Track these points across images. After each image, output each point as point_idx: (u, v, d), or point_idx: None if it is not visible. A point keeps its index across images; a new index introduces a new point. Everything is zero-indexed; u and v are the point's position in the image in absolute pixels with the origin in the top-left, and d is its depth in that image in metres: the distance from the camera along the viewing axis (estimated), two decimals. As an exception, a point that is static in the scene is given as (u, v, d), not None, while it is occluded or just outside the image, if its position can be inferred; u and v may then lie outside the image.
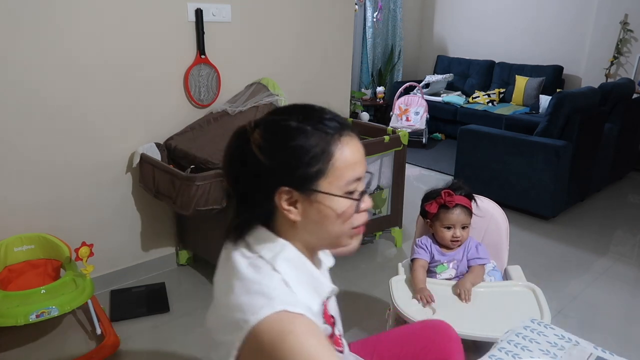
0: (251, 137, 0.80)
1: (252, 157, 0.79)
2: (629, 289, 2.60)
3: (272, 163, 0.78)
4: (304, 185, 0.79)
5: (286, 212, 0.80)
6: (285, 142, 0.79)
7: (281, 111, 0.85)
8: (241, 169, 0.82)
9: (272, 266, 0.80)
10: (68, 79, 2.09)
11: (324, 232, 0.83)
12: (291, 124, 0.80)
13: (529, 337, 1.13)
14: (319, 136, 0.79)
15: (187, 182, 1.94)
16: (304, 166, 0.78)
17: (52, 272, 2.09)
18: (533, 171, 3.31)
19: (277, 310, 0.72)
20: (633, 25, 4.80)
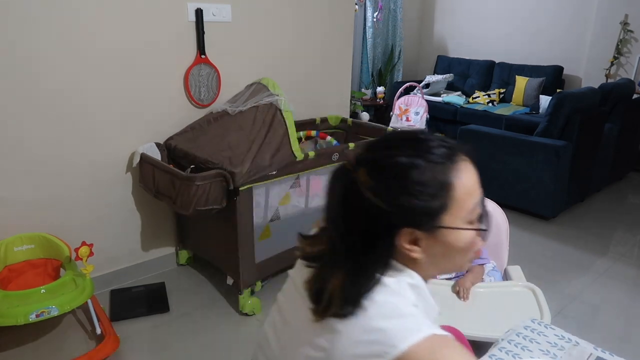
0: (357, 178, 0.73)
1: (364, 201, 0.72)
2: (629, 289, 2.60)
3: (390, 205, 0.72)
4: (427, 223, 0.74)
5: (408, 251, 0.75)
6: (400, 181, 0.72)
7: (384, 146, 0.77)
8: (353, 215, 0.74)
9: (401, 291, 0.76)
10: (68, 78, 2.09)
11: (447, 264, 0.80)
12: (402, 160, 0.73)
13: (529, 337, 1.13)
14: (433, 168, 0.73)
15: (187, 182, 1.94)
16: (425, 204, 0.72)
17: (52, 272, 2.09)
18: (533, 171, 3.31)
19: (428, 334, 0.69)
20: (633, 26, 4.80)
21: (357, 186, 0.73)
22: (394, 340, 0.68)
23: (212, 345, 2.06)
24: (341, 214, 0.76)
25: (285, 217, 2.32)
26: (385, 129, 2.85)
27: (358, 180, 0.73)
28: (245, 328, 2.18)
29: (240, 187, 2.02)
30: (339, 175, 0.77)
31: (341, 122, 3.05)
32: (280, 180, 2.20)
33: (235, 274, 2.22)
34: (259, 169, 2.06)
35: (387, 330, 0.70)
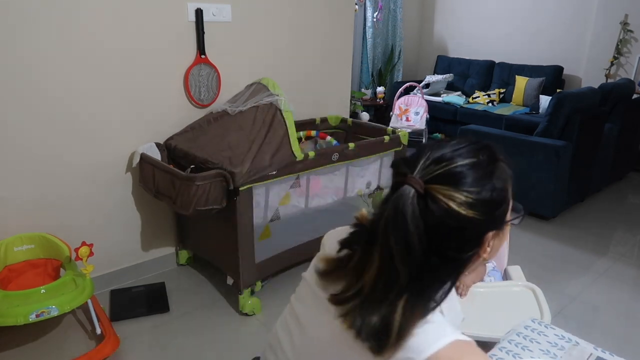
0: (436, 194, 0.70)
1: (454, 218, 0.70)
2: (629, 289, 2.60)
3: (479, 214, 0.71)
4: (502, 222, 0.78)
5: (485, 254, 0.78)
6: (482, 187, 0.72)
7: (445, 159, 0.74)
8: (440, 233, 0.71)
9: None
10: (68, 78, 2.09)
11: (491, 257, 0.82)
12: (472, 169, 0.73)
13: (530, 337, 1.13)
14: (498, 171, 0.76)
15: (187, 182, 1.94)
16: (501, 204, 0.76)
17: (52, 272, 2.09)
18: (533, 171, 3.31)
19: (452, 340, 0.71)
20: (633, 26, 4.80)
21: (439, 204, 0.70)
22: (421, 347, 0.70)
23: (212, 345, 2.06)
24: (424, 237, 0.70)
25: (285, 217, 2.32)
26: (385, 129, 2.85)
27: (439, 196, 0.70)
28: (245, 328, 2.18)
29: (240, 187, 2.02)
30: (408, 199, 0.71)
31: (341, 122, 3.05)
32: (280, 180, 2.20)
33: (235, 274, 2.22)
34: (259, 169, 2.06)
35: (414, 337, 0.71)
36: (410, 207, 0.70)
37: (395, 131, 2.78)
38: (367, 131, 2.92)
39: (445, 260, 0.73)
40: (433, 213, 0.70)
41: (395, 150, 2.70)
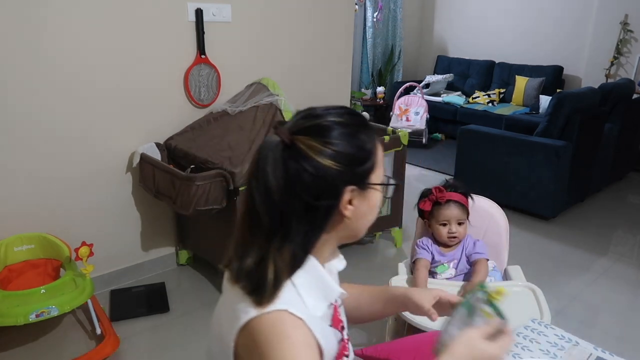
0: (299, 145, 0.75)
1: (311, 166, 0.75)
2: (629, 289, 2.60)
3: (338, 165, 0.76)
4: (363, 181, 0.80)
5: (345, 211, 0.80)
6: (346, 141, 0.78)
7: (313, 115, 0.81)
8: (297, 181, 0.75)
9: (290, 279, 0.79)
10: (67, 79, 2.09)
11: (362, 224, 0.85)
12: (340, 125, 0.79)
13: (530, 337, 1.13)
14: (364, 131, 0.81)
15: (187, 182, 1.94)
16: (363, 162, 0.80)
17: (52, 272, 2.09)
18: (533, 171, 3.31)
19: (280, 308, 0.73)
20: (633, 26, 4.80)
21: (301, 152, 0.75)
22: (248, 307, 0.73)
23: (212, 345, 2.06)
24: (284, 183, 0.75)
25: (285, 217, 2.31)
26: (385, 129, 2.85)
27: (301, 146, 0.75)
28: (245, 328, 2.18)
29: (240, 187, 2.02)
30: (271, 147, 0.76)
31: (341, 122, 3.05)
32: (280, 180, 2.19)
33: (235, 274, 2.22)
34: (259, 169, 2.06)
35: (249, 299, 0.75)
36: (272, 153, 0.76)
37: (395, 131, 2.78)
38: (367, 131, 2.92)
39: (305, 208, 0.76)
40: (293, 160, 0.75)
41: (396, 150, 2.70)
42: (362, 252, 2.87)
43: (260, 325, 0.72)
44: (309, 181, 0.75)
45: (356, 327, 2.17)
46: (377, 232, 2.91)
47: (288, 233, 0.76)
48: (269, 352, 0.70)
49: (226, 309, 0.81)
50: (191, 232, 2.54)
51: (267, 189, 0.76)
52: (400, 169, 2.79)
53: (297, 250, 0.77)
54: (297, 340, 0.72)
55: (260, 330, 0.72)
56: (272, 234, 0.77)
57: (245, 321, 0.73)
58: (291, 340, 0.71)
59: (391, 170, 2.74)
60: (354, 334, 2.11)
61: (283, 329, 0.72)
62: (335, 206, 0.78)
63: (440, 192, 1.69)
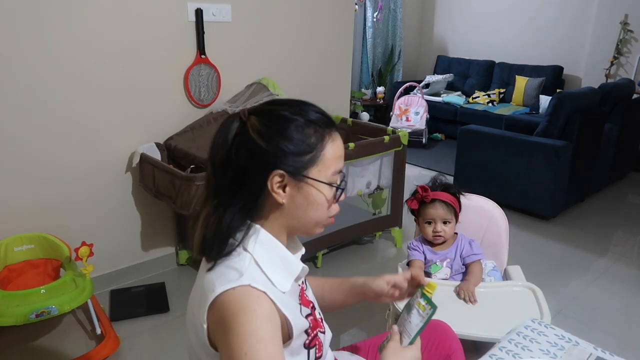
0: (248, 122, 0.85)
1: (249, 142, 0.83)
2: (629, 289, 2.60)
3: (270, 147, 0.83)
4: (297, 170, 0.84)
5: (275, 194, 0.85)
6: (284, 129, 0.84)
7: (275, 102, 0.90)
8: (236, 153, 0.84)
9: (244, 247, 0.85)
10: (68, 78, 2.09)
11: (305, 217, 0.89)
12: (287, 114, 0.85)
13: (530, 337, 1.13)
14: (313, 127, 0.86)
15: (187, 181, 1.94)
16: (300, 153, 0.84)
17: (52, 272, 2.09)
18: (533, 171, 3.31)
19: (243, 283, 0.78)
20: (633, 26, 4.80)
21: (246, 129, 0.84)
22: (214, 286, 0.79)
23: (212, 345, 2.06)
24: (225, 152, 0.85)
25: (285, 217, 2.31)
26: (385, 129, 2.85)
27: (248, 124, 0.84)
28: (245, 328, 2.18)
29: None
30: (232, 120, 0.87)
31: (341, 122, 3.05)
32: (280, 180, 2.19)
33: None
34: (259, 169, 2.06)
35: (213, 277, 0.81)
36: (228, 125, 0.86)
37: (395, 131, 2.78)
38: (367, 131, 2.92)
39: (237, 179, 0.84)
40: (239, 135, 0.84)
41: (396, 150, 2.70)
42: (362, 252, 2.87)
43: (226, 299, 0.77)
44: (242, 154, 0.84)
45: (354, 326, 2.17)
46: (377, 232, 2.91)
47: (227, 201, 0.85)
48: (233, 324, 0.75)
49: (197, 294, 0.86)
50: (191, 232, 2.54)
51: (213, 154, 0.87)
52: (400, 169, 2.79)
53: (236, 216, 0.84)
54: (260, 312, 0.77)
55: (226, 305, 0.77)
56: (214, 198, 0.87)
57: (213, 298, 0.78)
58: (255, 313, 0.76)
59: (391, 172, 2.74)
60: (352, 333, 2.11)
61: (246, 302, 0.77)
62: (262, 184, 0.83)
63: (425, 192, 1.69)
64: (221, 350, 0.77)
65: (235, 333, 0.74)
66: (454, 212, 1.71)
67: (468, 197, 1.81)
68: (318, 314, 1.00)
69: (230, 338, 0.74)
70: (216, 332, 0.78)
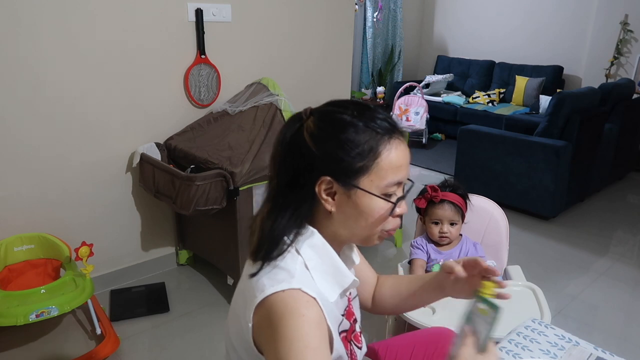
0: (305, 123, 0.82)
1: (303, 144, 0.81)
2: (629, 289, 2.60)
3: (320, 152, 0.79)
4: (346, 178, 0.80)
5: (323, 201, 0.81)
6: (335, 133, 0.80)
7: (336, 104, 0.86)
8: (290, 154, 0.82)
9: (297, 250, 0.82)
10: (68, 78, 2.09)
11: (356, 228, 0.84)
12: (344, 117, 0.81)
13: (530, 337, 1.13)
14: (369, 134, 0.80)
15: (187, 181, 1.94)
16: (350, 160, 0.79)
17: (52, 272, 2.09)
18: (533, 171, 3.31)
19: (294, 287, 0.75)
20: (633, 26, 4.80)
21: (301, 129, 0.82)
22: (264, 287, 0.76)
23: (212, 345, 2.06)
24: (283, 152, 0.83)
25: (285, 217, 2.31)
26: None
27: (305, 124, 0.82)
28: (245, 328, 2.18)
29: (240, 187, 2.02)
30: (296, 119, 0.85)
31: (341, 122, 3.05)
32: (280, 180, 2.19)
33: (235, 273, 2.22)
34: (259, 169, 2.06)
35: (263, 278, 0.78)
36: (289, 124, 0.84)
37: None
38: (367, 131, 2.92)
39: (290, 182, 0.82)
40: (297, 133, 0.82)
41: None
42: (362, 252, 2.86)
43: (275, 301, 0.74)
44: (295, 156, 0.81)
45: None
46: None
47: (281, 204, 0.83)
48: (281, 328, 0.72)
49: (243, 293, 0.83)
50: (191, 232, 2.54)
51: (275, 153, 0.85)
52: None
53: (289, 219, 0.82)
54: (310, 317, 0.73)
55: (275, 307, 0.74)
56: (273, 203, 0.84)
57: (261, 299, 0.75)
58: (304, 318, 0.73)
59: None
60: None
61: (296, 305, 0.74)
62: (310, 190, 0.80)
63: (435, 192, 1.69)
64: (267, 354, 0.75)
65: (283, 337, 0.71)
66: (461, 214, 1.71)
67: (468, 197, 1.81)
68: (358, 327, 0.98)
69: (278, 342, 0.72)
70: (262, 333, 0.76)
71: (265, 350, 0.76)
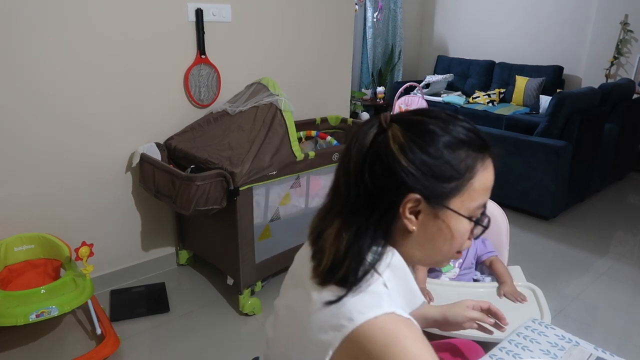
0: (389, 131, 0.74)
1: (387, 154, 0.73)
2: (629, 290, 2.60)
3: (411, 166, 0.72)
4: (436, 198, 0.73)
5: (406, 220, 0.74)
6: (430, 147, 0.72)
7: (425, 113, 0.77)
8: (372, 166, 0.74)
9: (375, 269, 0.74)
10: (68, 78, 2.09)
11: (433, 249, 0.78)
12: (438, 130, 0.74)
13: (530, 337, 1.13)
14: (466, 151, 0.74)
15: (187, 182, 1.94)
16: (445, 179, 0.73)
17: (52, 272, 2.09)
18: (533, 171, 3.31)
19: (387, 312, 0.68)
20: (633, 26, 4.80)
21: (385, 139, 0.73)
22: (351, 314, 0.68)
23: (212, 345, 2.06)
24: (360, 161, 0.75)
25: (286, 217, 2.32)
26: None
27: (389, 133, 0.73)
28: (246, 328, 2.18)
29: (240, 187, 2.02)
30: (371, 125, 0.76)
31: (341, 122, 3.05)
32: (280, 180, 2.20)
33: (235, 274, 2.22)
34: (259, 169, 2.06)
35: (347, 304, 0.70)
36: (366, 130, 0.75)
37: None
38: (367, 131, 2.91)
39: (369, 196, 0.74)
40: (377, 144, 0.74)
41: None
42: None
43: (371, 330, 0.67)
44: (378, 168, 0.73)
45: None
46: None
47: (359, 220, 0.74)
48: (388, 355, 0.65)
49: (314, 322, 0.73)
50: (191, 232, 2.54)
51: (347, 161, 0.76)
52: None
53: (369, 238, 0.74)
54: (416, 336, 0.68)
55: (372, 336, 0.67)
56: (342, 212, 0.76)
57: (351, 329, 0.68)
58: (408, 339, 0.67)
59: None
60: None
61: (398, 329, 0.67)
62: (395, 207, 0.73)
63: None
64: None
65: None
66: None
67: None
68: None
69: None
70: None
71: None
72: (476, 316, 1.07)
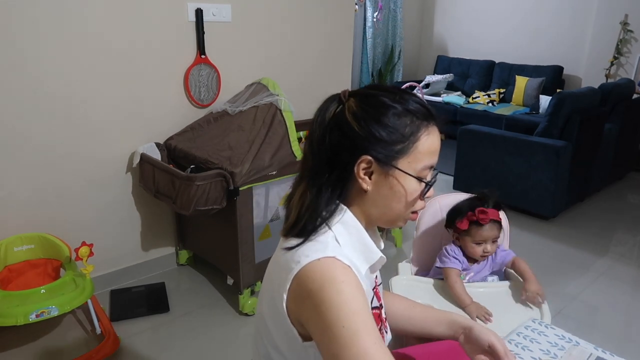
0: (346, 104, 0.85)
1: (343, 123, 0.84)
2: (629, 290, 2.60)
3: (362, 131, 0.82)
4: (385, 159, 0.83)
5: (361, 180, 0.84)
6: (379, 115, 0.83)
7: (377, 87, 0.89)
8: (331, 133, 0.85)
9: (328, 225, 0.84)
10: (68, 78, 2.09)
11: (387, 208, 0.87)
12: (387, 101, 0.84)
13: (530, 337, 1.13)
14: (410, 118, 0.84)
15: (187, 181, 1.94)
16: (392, 141, 0.83)
17: (52, 272, 2.09)
18: (533, 171, 3.31)
19: (329, 255, 0.77)
20: (633, 26, 4.80)
21: (343, 109, 0.85)
22: (299, 258, 0.78)
23: (212, 345, 2.06)
24: (321, 131, 0.86)
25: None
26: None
27: (346, 105, 0.85)
28: (245, 328, 2.18)
29: (240, 187, 2.02)
30: (332, 100, 0.88)
31: (341, 122, 3.05)
32: (280, 180, 2.20)
33: (235, 274, 2.22)
34: (259, 169, 2.06)
35: (299, 250, 0.80)
36: (326, 106, 0.87)
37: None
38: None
39: (329, 161, 0.84)
40: (336, 115, 0.85)
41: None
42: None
43: (311, 270, 0.76)
44: (335, 135, 0.84)
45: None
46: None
47: (319, 182, 0.85)
48: (324, 296, 0.73)
49: (275, 271, 0.85)
50: (191, 232, 2.54)
51: (312, 133, 0.87)
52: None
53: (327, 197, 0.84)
54: (350, 282, 0.75)
55: (312, 276, 0.75)
56: (308, 177, 0.86)
57: (298, 269, 0.76)
58: (344, 284, 0.74)
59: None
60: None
61: (335, 273, 0.75)
62: (350, 169, 0.83)
63: (483, 214, 1.57)
64: (312, 326, 0.75)
65: (327, 305, 0.72)
66: (501, 229, 1.65)
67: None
68: (384, 313, 0.99)
69: (322, 310, 0.72)
70: (301, 304, 0.76)
71: (310, 325, 0.76)
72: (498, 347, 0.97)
